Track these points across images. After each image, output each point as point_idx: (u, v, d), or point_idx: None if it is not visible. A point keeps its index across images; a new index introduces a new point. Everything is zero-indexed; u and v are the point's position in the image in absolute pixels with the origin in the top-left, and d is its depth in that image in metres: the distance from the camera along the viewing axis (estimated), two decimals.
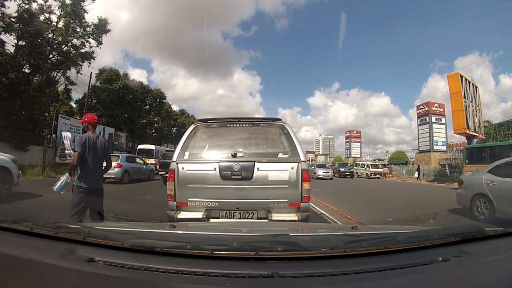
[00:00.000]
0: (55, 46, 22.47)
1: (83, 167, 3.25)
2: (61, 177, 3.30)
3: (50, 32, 21.79)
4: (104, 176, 3.66)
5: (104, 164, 3.56)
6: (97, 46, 24.22)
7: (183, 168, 3.38)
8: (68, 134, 3.19)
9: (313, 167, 25.13)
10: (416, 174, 27.16)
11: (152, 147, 24.42)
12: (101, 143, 3.45)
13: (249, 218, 3.29)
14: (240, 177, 3.29)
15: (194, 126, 3.82)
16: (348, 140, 70.08)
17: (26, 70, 20.55)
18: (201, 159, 3.50)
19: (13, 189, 7.33)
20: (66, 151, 3.76)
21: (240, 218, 3.28)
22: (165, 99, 39.95)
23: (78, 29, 23.14)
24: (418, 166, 29.38)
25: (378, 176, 27.69)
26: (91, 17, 23.46)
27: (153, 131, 40.00)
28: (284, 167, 3.35)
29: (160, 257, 1.00)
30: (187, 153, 3.48)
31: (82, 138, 3.29)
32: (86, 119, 3.50)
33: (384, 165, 39.32)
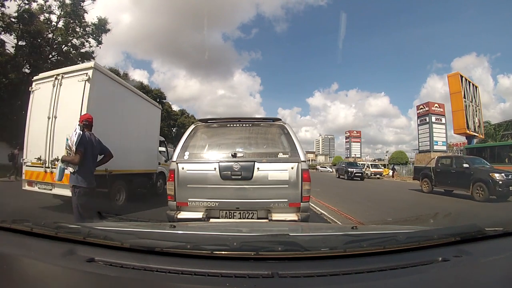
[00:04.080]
0: (55, 46, 22.49)
1: (84, 167, 3.29)
2: (57, 166, 3.44)
3: (50, 32, 21.82)
4: None
5: (100, 157, 3.68)
6: (97, 46, 24.26)
7: (183, 168, 3.38)
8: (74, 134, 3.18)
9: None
10: (390, 173, 30.13)
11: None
12: (96, 142, 3.50)
13: (249, 218, 3.29)
14: (240, 177, 3.29)
15: (194, 126, 3.83)
16: (348, 140, 70.08)
17: (26, 70, 20.56)
18: (201, 159, 3.50)
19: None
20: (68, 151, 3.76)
21: (240, 218, 3.28)
22: (165, 99, 40.04)
23: (78, 29, 23.15)
24: (393, 165, 34.22)
25: (378, 176, 27.68)
26: (91, 17, 23.49)
27: None
28: (284, 167, 3.35)
29: (160, 257, 1.00)
30: (187, 153, 3.48)
31: (85, 137, 3.34)
32: (81, 119, 3.57)
33: (384, 165, 39.38)
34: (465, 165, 10.58)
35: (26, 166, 5.98)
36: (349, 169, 23.79)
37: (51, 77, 5.98)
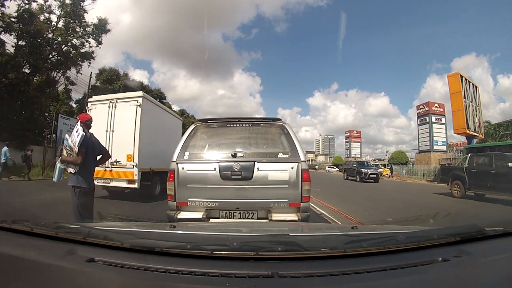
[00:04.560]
0: (55, 46, 22.48)
1: (84, 168, 3.27)
2: (56, 166, 3.37)
3: (50, 32, 21.80)
4: None
5: (99, 156, 3.64)
6: (97, 46, 24.26)
7: (183, 168, 3.38)
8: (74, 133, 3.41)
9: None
10: (388, 172, 31.46)
11: None
12: (95, 142, 3.49)
13: (249, 218, 3.29)
14: (240, 177, 3.29)
15: (194, 126, 3.83)
16: (348, 140, 70.17)
17: (26, 70, 20.56)
18: (201, 159, 3.50)
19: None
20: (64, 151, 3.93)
21: (240, 218, 3.28)
22: (165, 99, 39.97)
23: (78, 29, 23.15)
24: (391, 165, 35.67)
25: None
26: (91, 17, 23.50)
27: None
28: (284, 167, 3.35)
29: (160, 257, 1.00)
30: (187, 153, 3.48)
31: (87, 137, 3.32)
32: (80, 119, 3.51)
33: (384, 165, 39.50)
34: (511, 165, 8.77)
35: None
36: (362, 170, 21.12)
37: (106, 100, 7.98)
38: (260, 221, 3.22)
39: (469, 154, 10.77)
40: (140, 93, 8.10)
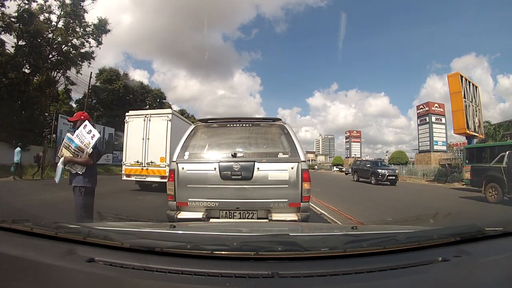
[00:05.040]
0: (55, 46, 22.49)
1: (91, 168, 3.27)
2: (58, 167, 3.29)
3: (50, 32, 21.82)
4: None
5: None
6: (97, 46, 24.27)
7: (183, 168, 3.38)
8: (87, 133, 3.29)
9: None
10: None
11: None
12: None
13: (249, 218, 3.29)
14: (240, 177, 3.29)
15: (194, 126, 3.83)
16: (348, 140, 70.09)
17: (26, 70, 20.56)
18: (201, 159, 3.50)
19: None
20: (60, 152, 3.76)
21: (240, 218, 3.28)
22: (165, 99, 40.04)
23: (78, 29, 23.17)
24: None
25: None
26: (91, 17, 23.53)
27: None
28: (284, 167, 3.35)
29: (160, 257, 1.00)
30: (187, 153, 3.48)
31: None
32: (82, 116, 3.45)
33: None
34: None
35: (125, 166, 10.15)
36: (379, 171, 17.84)
37: (141, 115, 10.27)
38: (260, 221, 3.22)
39: (507, 152, 9.03)
40: (170, 110, 10.87)
